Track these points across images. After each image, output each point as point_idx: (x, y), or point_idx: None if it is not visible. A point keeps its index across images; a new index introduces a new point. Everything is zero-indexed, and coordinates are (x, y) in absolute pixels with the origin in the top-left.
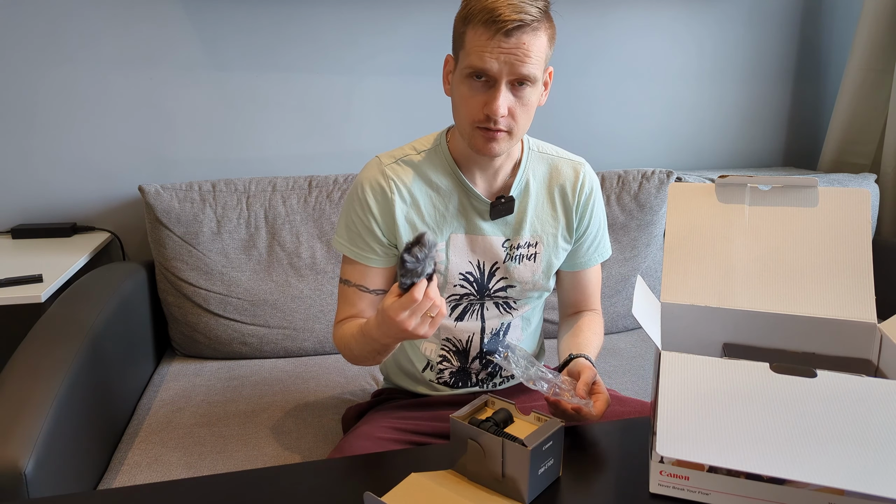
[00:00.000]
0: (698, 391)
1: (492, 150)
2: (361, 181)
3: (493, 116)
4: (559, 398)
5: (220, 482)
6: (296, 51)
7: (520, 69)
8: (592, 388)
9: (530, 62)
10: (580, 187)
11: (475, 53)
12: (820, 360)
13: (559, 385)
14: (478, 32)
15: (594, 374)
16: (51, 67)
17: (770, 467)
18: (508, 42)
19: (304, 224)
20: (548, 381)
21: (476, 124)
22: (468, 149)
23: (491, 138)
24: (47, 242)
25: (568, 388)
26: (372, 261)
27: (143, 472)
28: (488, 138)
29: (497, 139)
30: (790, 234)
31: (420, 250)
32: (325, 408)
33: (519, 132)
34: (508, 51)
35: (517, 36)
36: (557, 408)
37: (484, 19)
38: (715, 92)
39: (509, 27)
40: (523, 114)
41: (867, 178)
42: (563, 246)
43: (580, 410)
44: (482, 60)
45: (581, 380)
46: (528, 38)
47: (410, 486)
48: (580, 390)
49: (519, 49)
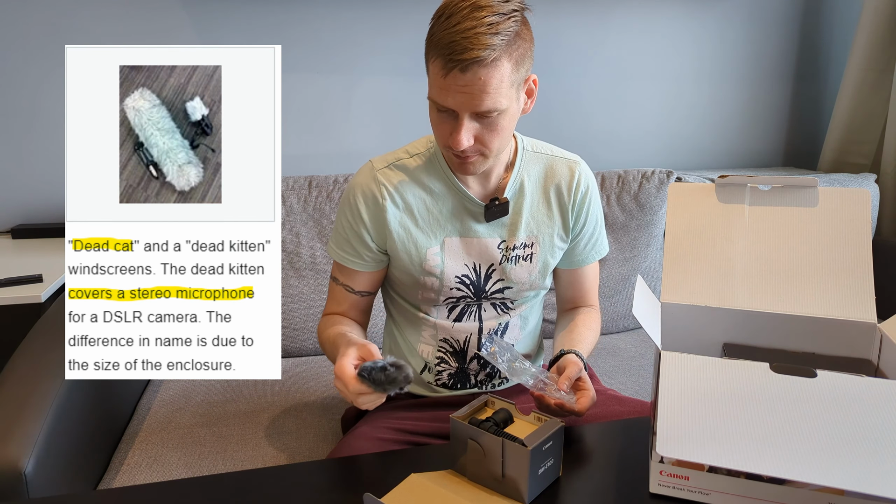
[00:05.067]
0: (698, 391)
1: (467, 170)
2: (353, 187)
3: (455, 149)
4: (543, 392)
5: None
6: (296, 51)
7: (478, 106)
8: (578, 384)
9: (488, 97)
10: (576, 186)
11: (434, 87)
12: (820, 360)
13: (543, 380)
14: (436, 67)
15: (579, 370)
16: (51, 67)
17: (770, 467)
18: (464, 78)
19: (304, 224)
20: (532, 376)
21: (447, 149)
22: None
23: (463, 162)
24: (47, 242)
25: (552, 383)
26: (357, 265)
27: (143, 472)
28: (461, 162)
29: (470, 162)
30: (790, 234)
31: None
32: (325, 408)
33: (493, 152)
34: (464, 89)
35: (473, 71)
36: (542, 402)
37: (441, 54)
38: (715, 92)
39: (464, 64)
40: (494, 137)
41: (867, 178)
42: (559, 245)
43: (563, 405)
44: (441, 98)
45: (563, 375)
46: (485, 72)
47: (410, 487)
48: (562, 385)
49: (475, 86)
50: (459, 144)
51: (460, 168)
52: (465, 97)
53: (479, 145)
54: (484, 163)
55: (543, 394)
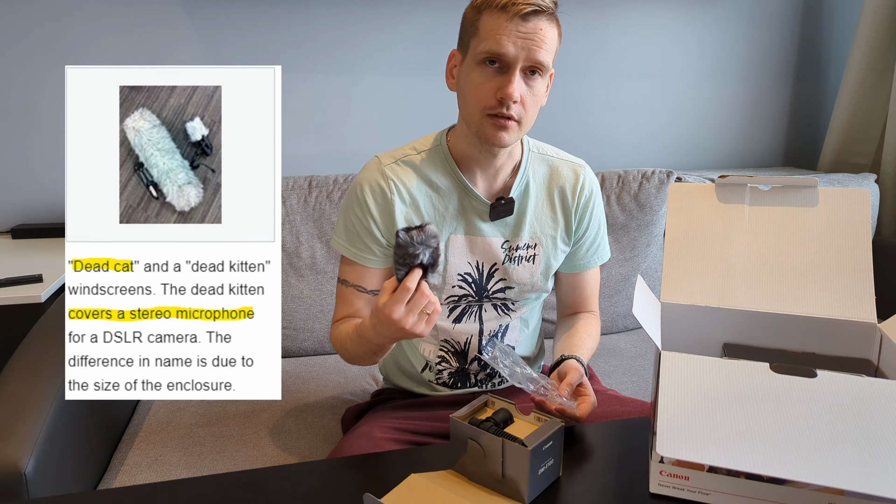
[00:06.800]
0: (698, 391)
1: (501, 139)
2: (360, 182)
3: (507, 100)
4: (544, 398)
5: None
6: (296, 51)
7: (535, 54)
8: (578, 389)
9: (545, 48)
10: (580, 189)
11: (491, 38)
12: (820, 360)
13: (545, 386)
14: (494, 16)
15: (580, 376)
16: (51, 67)
17: (770, 467)
18: (526, 26)
19: (304, 224)
20: (533, 382)
21: (487, 111)
22: (470, 147)
23: (501, 126)
24: (47, 242)
25: (553, 389)
26: (370, 261)
27: (143, 472)
28: (498, 126)
29: (507, 128)
30: (790, 234)
31: (418, 234)
32: (325, 408)
33: (526, 124)
34: (525, 35)
35: (534, 21)
36: (543, 408)
37: (501, 4)
38: (715, 92)
39: (526, 11)
40: (532, 105)
41: (867, 178)
42: (561, 248)
43: (564, 411)
44: (499, 44)
45: (564, 381)
46: (543, 24)
47: (410, 487)
48: (563, 391)
49: (536, 34)
50: (512, 94)
51: (495, 135)
52: (526, 43)
53: (520, 108)
54: (517, 133)
55: (545, 399)
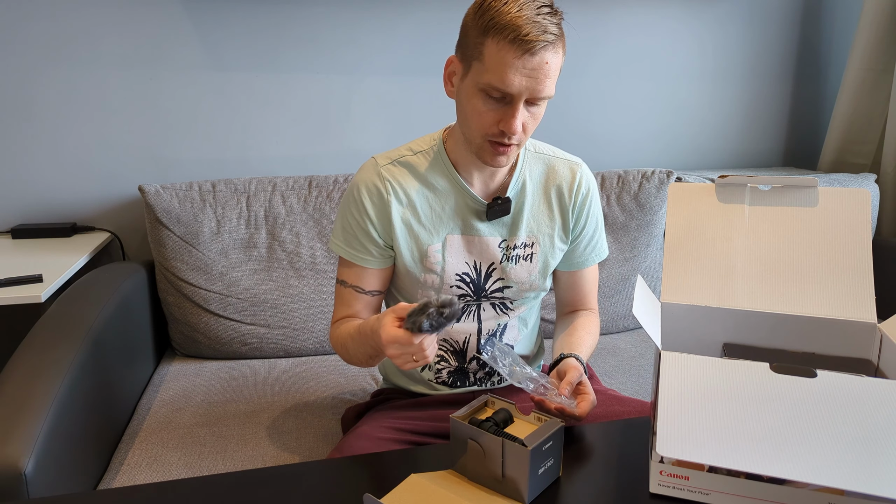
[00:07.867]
0: (698, 391)
1: (500, 162)
2: (357, 183)
3: (509, 133)
4: (543, 397)
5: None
6: (295, 51)
7: (541, 91)
8: (578, 388)
9: (550, 81)
10: (577, 188)
11: (496, 72)
12: (820, 360)
13: (544, 385)
14: (500, 48)
15: (579, 375)
16: (51, 67)
17: (770, 467)
18: (532, 62)
19: (304, 224)
20: (533, 381)
21: (488, 137)
22: (467, 151)
23: (501, 153)
24: (47, 242)
25: (553, 388)
26: (368, 262)
27: (143, 472)
28: (498, 153)
29: (507, 153)
30: (790, 234)
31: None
32: (325, 408)
33: (525, 142)
34: (531, 73)
35: (541, 55)
36: (542, 407)
37: (510, 37)
38: (715, 92)
39: (536, 48)
40: (533, 126)
41: (867, 178)
42: (559, 246)
43: (563, 410)
44: (504, 82)
45: (564, 379)
46: (549, 56)
47: (410, 487)
48: (563, 389)
49: (542, 69)
50: (516, 129)
51: (494, 159)
52: (531, 81)
53: (521, 134)
54: (516, 153)
55: (544, 398)
